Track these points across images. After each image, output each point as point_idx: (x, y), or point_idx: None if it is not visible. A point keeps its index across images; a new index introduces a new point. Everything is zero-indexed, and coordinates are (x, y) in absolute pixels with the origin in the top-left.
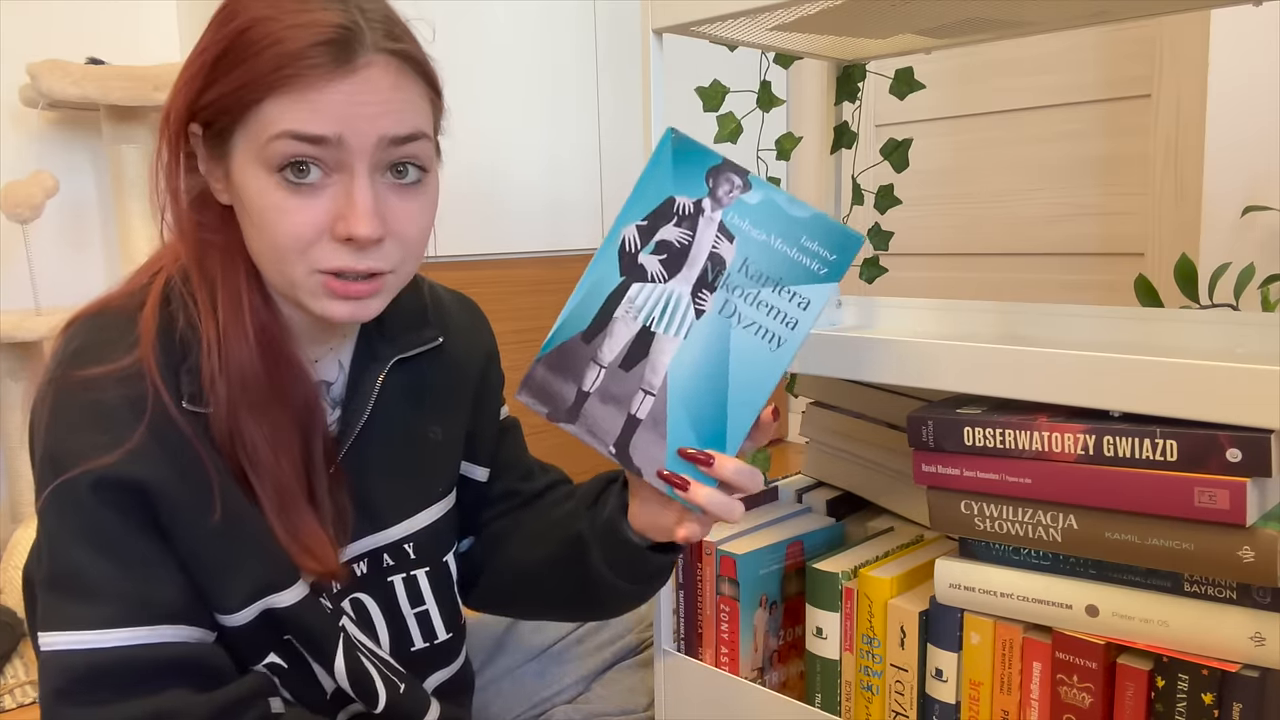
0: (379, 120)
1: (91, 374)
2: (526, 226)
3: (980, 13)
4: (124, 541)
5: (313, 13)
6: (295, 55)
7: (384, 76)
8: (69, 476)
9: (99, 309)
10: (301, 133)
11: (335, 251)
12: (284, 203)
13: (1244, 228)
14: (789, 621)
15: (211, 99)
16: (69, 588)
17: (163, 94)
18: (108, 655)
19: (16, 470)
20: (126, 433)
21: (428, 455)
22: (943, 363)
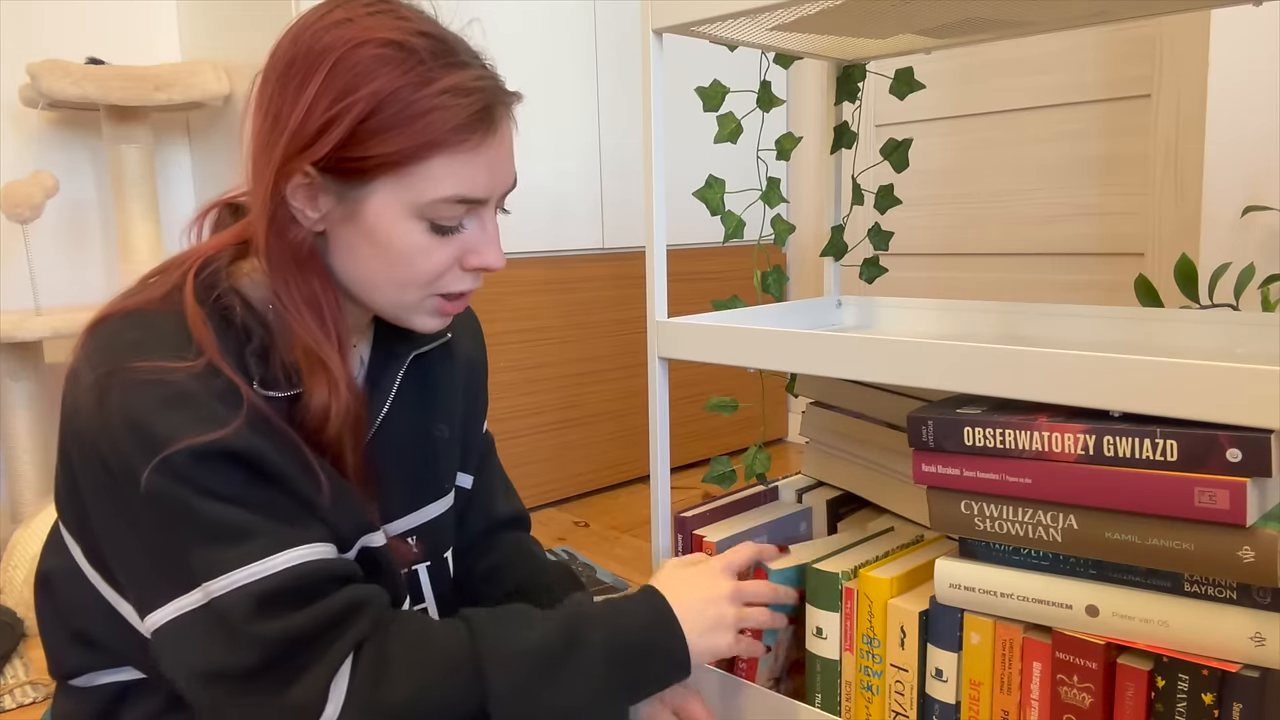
0: (509, 176)
1: (162, 366)
2: (526, 227)
3: (980, 13)
4: (243, 494)
5: (451, 74)
6: (460, 124)
7: (507, 130)
8: (169, 453)
9: (137, 307)
10: (469, 198)
11: (461, 279)
12: (428, 244)
13: (1244, 228)
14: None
15: (360, 156)
16: (221, 536)
17: (163, 94)
18: (283, 575)
19: (17, 470)
20: (221, 415)
21: (435, 451)
22: (943, 363)
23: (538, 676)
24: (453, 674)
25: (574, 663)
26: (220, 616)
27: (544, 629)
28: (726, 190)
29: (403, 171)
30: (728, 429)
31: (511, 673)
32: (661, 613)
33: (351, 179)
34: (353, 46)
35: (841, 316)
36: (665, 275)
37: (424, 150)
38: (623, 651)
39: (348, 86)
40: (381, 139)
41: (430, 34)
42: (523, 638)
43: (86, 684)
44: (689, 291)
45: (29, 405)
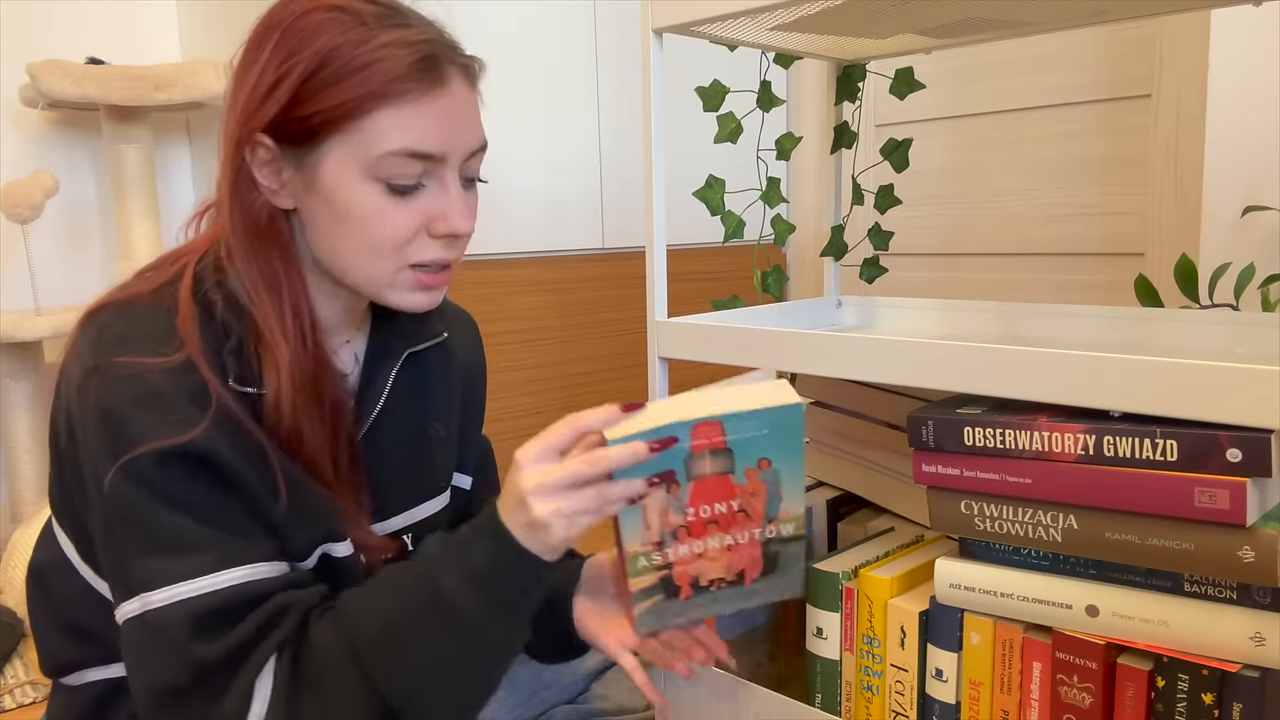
0: (467, 136)
1: (140, 362)
2: (526, 226)
3: (980, 13)
4: (201, 502)
5: (393, 31)
6: (400, 73)
7: (464, 90)
8: (135, 454)
9: (128, 299)
10: (418, 150)
11: (429, 246)
12: (386, 207)
13: (1244, 228)
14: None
15: (305, 114)
16: (164, 548)
17: (163, 94)
18: (220, 595)
19: (16, 470)
20: (184, 415)
21: (429, 450)
22: (943, 363)
23: (405, 643)
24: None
25: (432, 618)
26: (156, 630)
27: (398, 595)
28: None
29: (349, 127)
30: None
31: (380, 650)
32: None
33: (303, 143)
34: (300, 15)
35: (841, 316)
36: (665, 275)
37: (367, 102)
38: (474, 583)
39: (293, 49)
40: (324, 95)
41: (378, 1)
42: (382, 611)
43: (77, 681)
44: (689, 291)
45: (29, 405)
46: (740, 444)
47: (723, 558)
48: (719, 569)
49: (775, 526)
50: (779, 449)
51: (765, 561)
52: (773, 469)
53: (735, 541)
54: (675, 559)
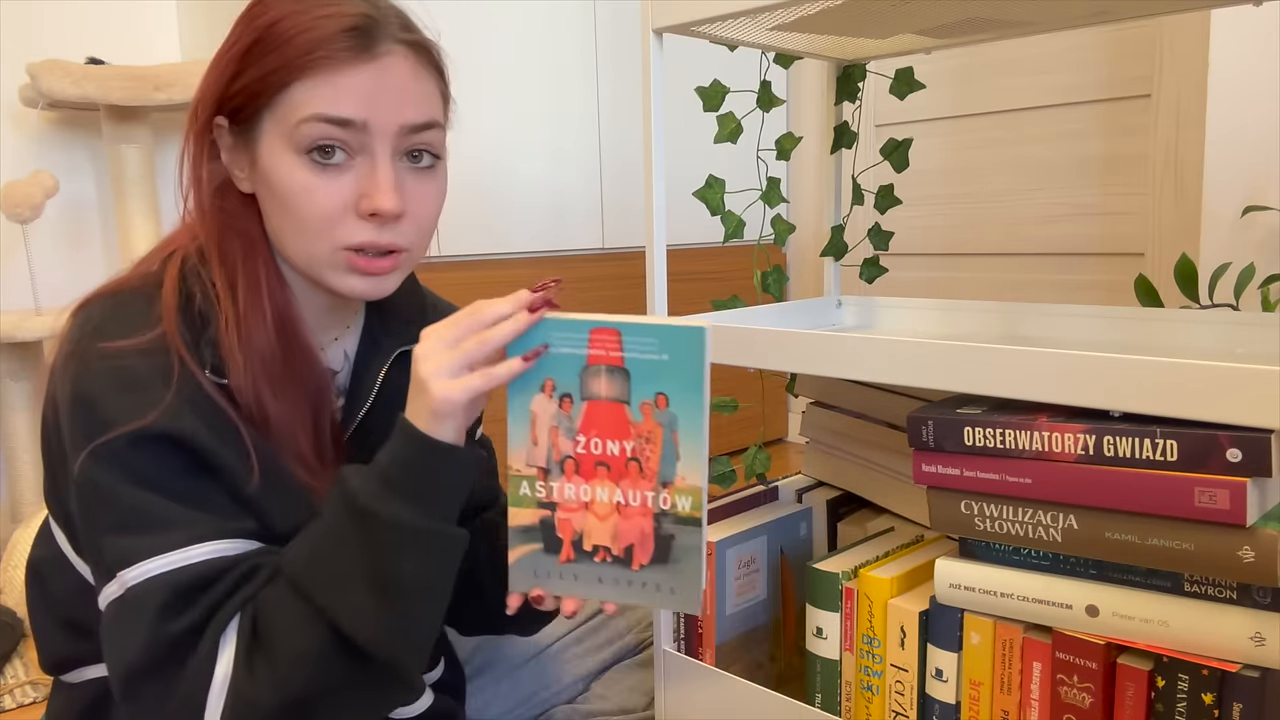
0: (400, 108)
1: (115, 346)
2: (526, 226)
3: (980, 13)
4: (174, 481)
5: (338, 4)
6: (322, 41)
7: (403, 65)
8: (106, 438)
9: (114, 289)
10: (329, 115)
11: (359, 227)
12: (310, 181)
13: (1244, 228)
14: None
15: (240, 87)
16: (138, 525)
17: (163, 94)
18: (194, 569)
19: (17, 470)
20: (158, 397)
21: None
22: (943, 363)
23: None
24: (298, 626)
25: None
26: (132, 607)
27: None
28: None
29: (276, 100)
30: (728, 429)
31: (316, 573)
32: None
33: (243, 120)
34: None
35: (841, 316)
36: (665, 275)
37: (289, 72)
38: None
39: (244, 27)
40: (254, 67)
41: None
42: (311, 538)
43: (77, 679)
44: (689, 291)
45: (29, 405)
46: (638, 365)
47: (610, 519)
48: (605, 533)
49: (670, 495)
50: (679, 385)
51: (657, 543)
52: (670, 411)
53: (625, 501)
54: (559, 499)
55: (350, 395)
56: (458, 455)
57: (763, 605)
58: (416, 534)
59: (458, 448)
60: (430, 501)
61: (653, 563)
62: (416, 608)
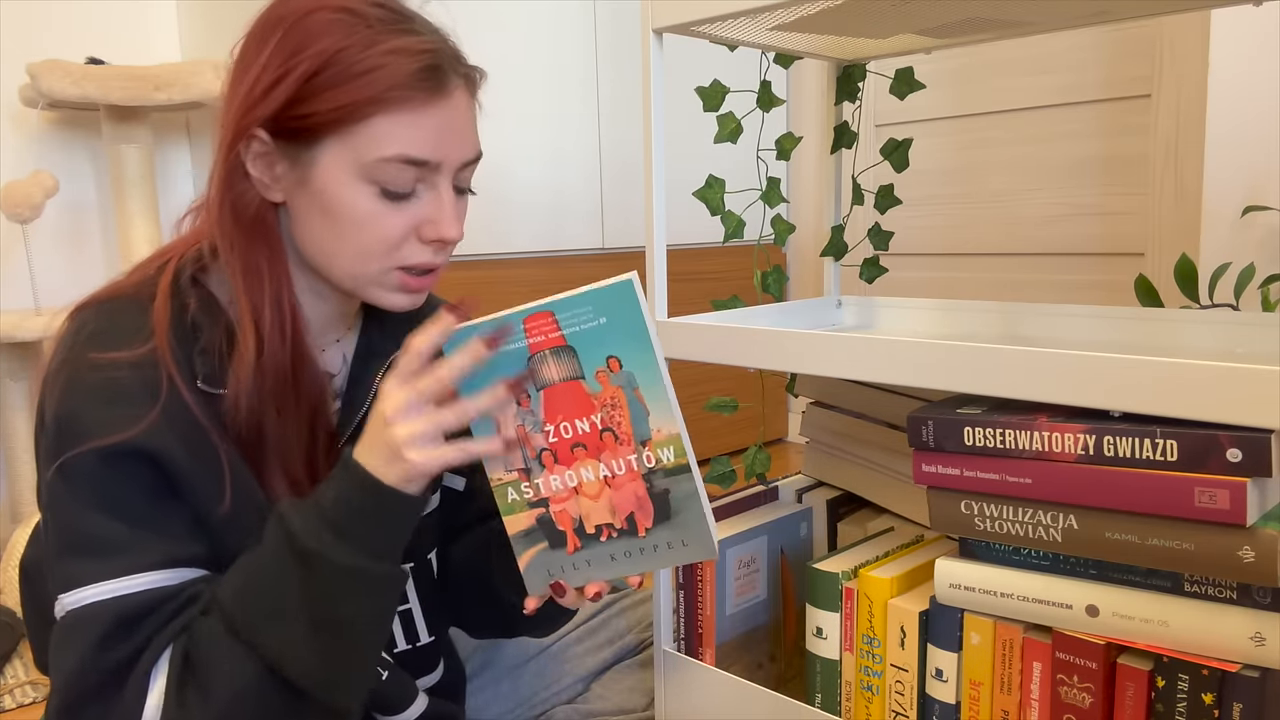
0: (463, 146)
1: (106, 357)
2: (526, 226)
3: (980, 13)
4: (135, 503)
5: (399, 38)
6: (400, 82)
7: (464, 101)
8: (78, 451)
9: (110, 295)
10: (411, 157)
11: (419, 250)
12: (378, 209)
13: (1244, 228)
14: (558, 413)
15: (304, 113)
16: (87, 549)
17: (163, 94)
18: (136, 599)
19: (16, 470)
20: (140, 412)
21: None
22: (943, 363)
23: (273, 595)
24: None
25: (291, 561)
26: (72, 632)
27: (259, 554)
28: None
29: (347, 130)
30: (728, 429)
31: (251, 609)
32: (346, 466)
33: (300, 140)
34: (306, 14)
35: (841, 316)
36: (665, 275)
37: (366, 107)
38: (325, 518)
39: (296, 48)
40: (325, 96)
41: (384, 4)
42: (248, 574)
43: None
44: (689, 291)
45: (29, 405)
46: (580, 338)
47: (603, 495)
48: (603, 511)
49: (651, 452)
50: (624, 341)
51: (654, 502)
52: (625, 371)
53: (612, 473)
54: (548, 493)
55: (347, 398)
56: (413, 503)
57: (763, 605)
58: (360, 576)
59: (412, 498)
60: (377, 544)
61: (657, 523)
62: (355, 646)
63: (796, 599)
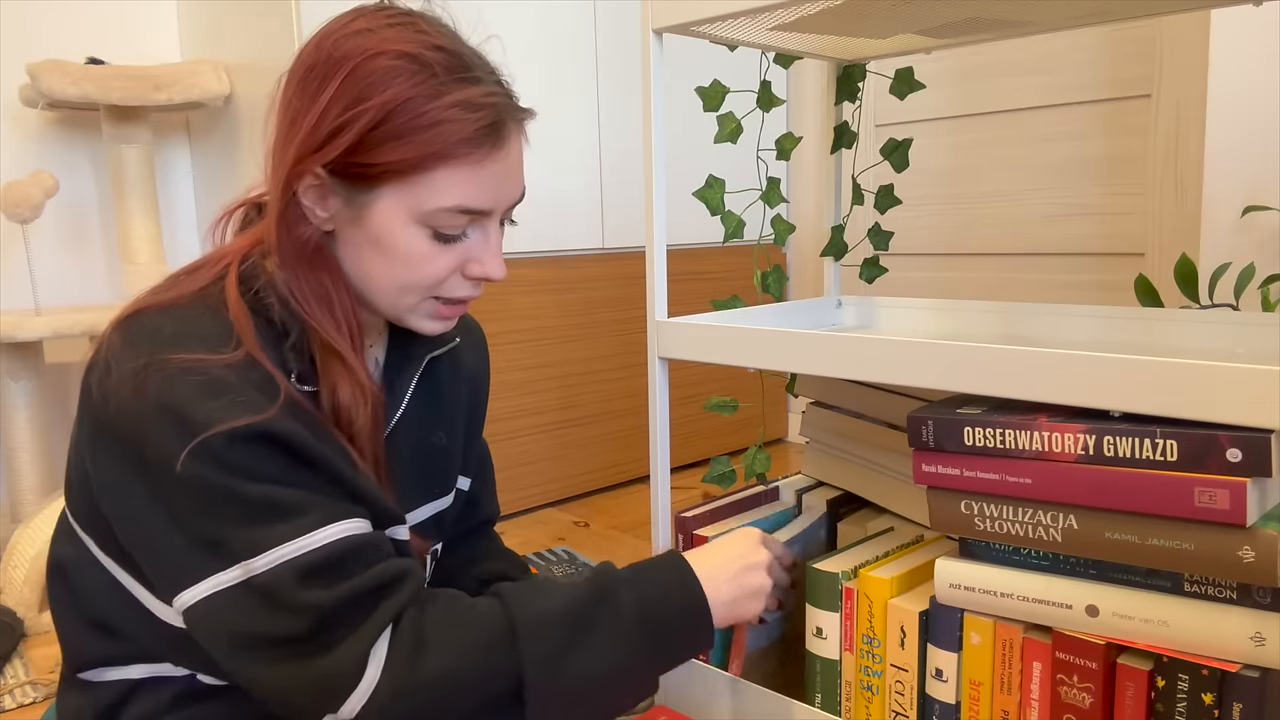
0: (515, 189)
1: (199, 358)
2: (526, 226)
3: (980, 13)
4: (283, 474)
5: (463, 89)
6: (464, 140)
7: (518, 146)
8: (205, 437)
9: (171, 302)
10: (470, 208)
11: (461, 284)
12: (430, 250)
13: (1244, 228)
14: None
15: (367, 162)
16: (262, 515)
17: (163, 94)
18: (331, 548)
19: (17, 470)
20: (249, 399)
21: (433, 456)
22: (943, 363)
23: (569, 636)
24: (489, 644)
25: (604, 622)
26: (261, 591)
27: (572, 592)
28: (726, 190)
29: (408, 180)
30: (728, 429)
31: (542, 636)
32: (686, 577)
33: (359, 184)
34: (369, 56)
35: (841, 316)
36: (665, 275)
37: (430, 161)
38: (651, 612)
39: (361, 95)
40: (389, 147)
41: (446, 49)
42: (552, 601)
43: (96, 678)
44: (689, 291)
45: (29, 405)
46: None
47: None
48: None
49: None
50: None
51: None
52: None
53: None
54: None
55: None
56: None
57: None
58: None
59: (711, 626)
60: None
61: None
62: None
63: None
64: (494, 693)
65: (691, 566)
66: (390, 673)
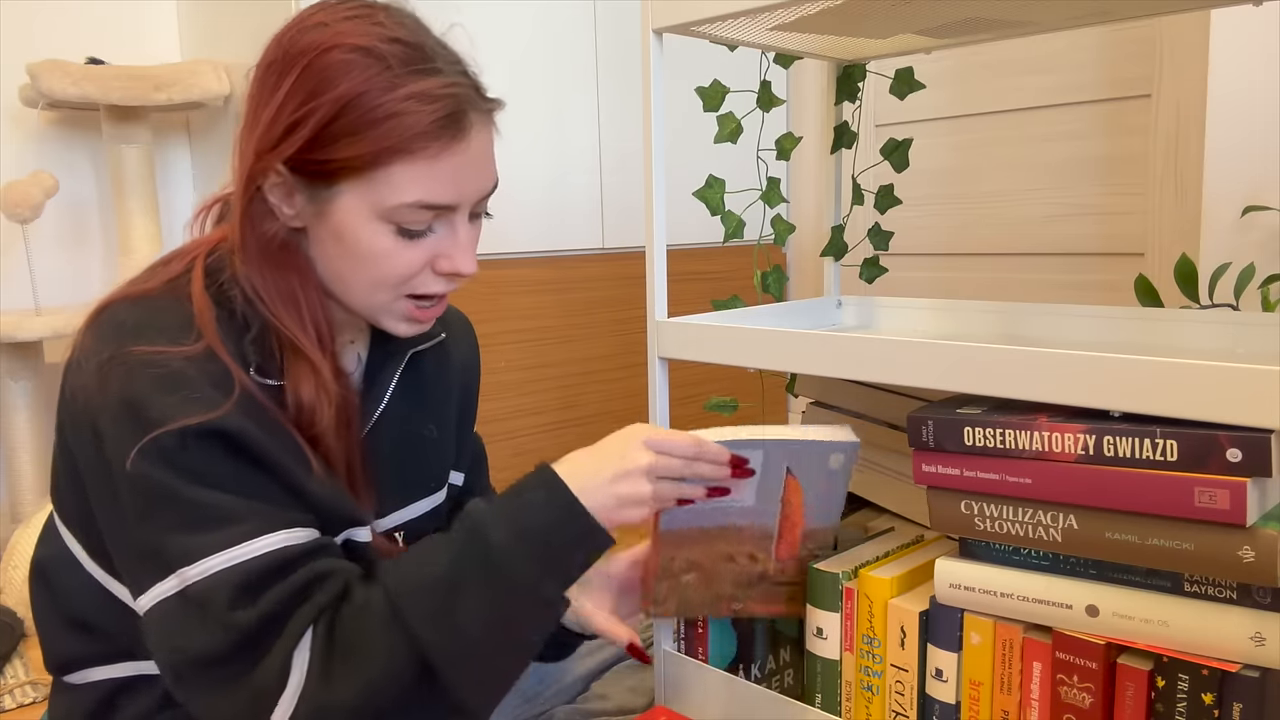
0: (482, 181)
1: (160, 350)
2: (526, 226)
3: (980, 13)
4: (233, 477)
5: (419, 80)
6: (421, 133)
7: (482, 137)
8: (157, 434)
9: (139, 294)
10: (431, 203)
11: (432, 280)
12: (394, 247)
13: (1244, 228)
14: None
15: (324, 159)
16: (200, 521)
17: (163, 94)
18: (260, 560)
19: (17, 470)
20: (205, 396)
21: (424, 451)
22: (943, 363)
23: (449, 590)
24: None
25: (478, 563)
26: (196, 603)
27: (445, 544)
28: (726, 190)
29: (367, 176)
30: None
31: (422, 601)
32: (554, 491)
33: (319, 181)
34: (323, 51)
35: (841, 316)
36: (665, 275)
37: (386, 156)
38: (527, 536)
39: (315, 90)
40: (345, 143)
41: (403, 40)
42: (426, 563)
43: (81, 680)
44: (689, 291)
45: (29, 405)
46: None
47: None
48: None
49: None
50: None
51: None
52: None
53: None
54: None
55: (362, 397)
56: (601, 537)
57: None
58: (543, 599)
59: (604, 532)
60: (564, 570)
61: None
62: (517, 661)
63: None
64: (405, 674)
65: (560, 477)
66: (311, 677)
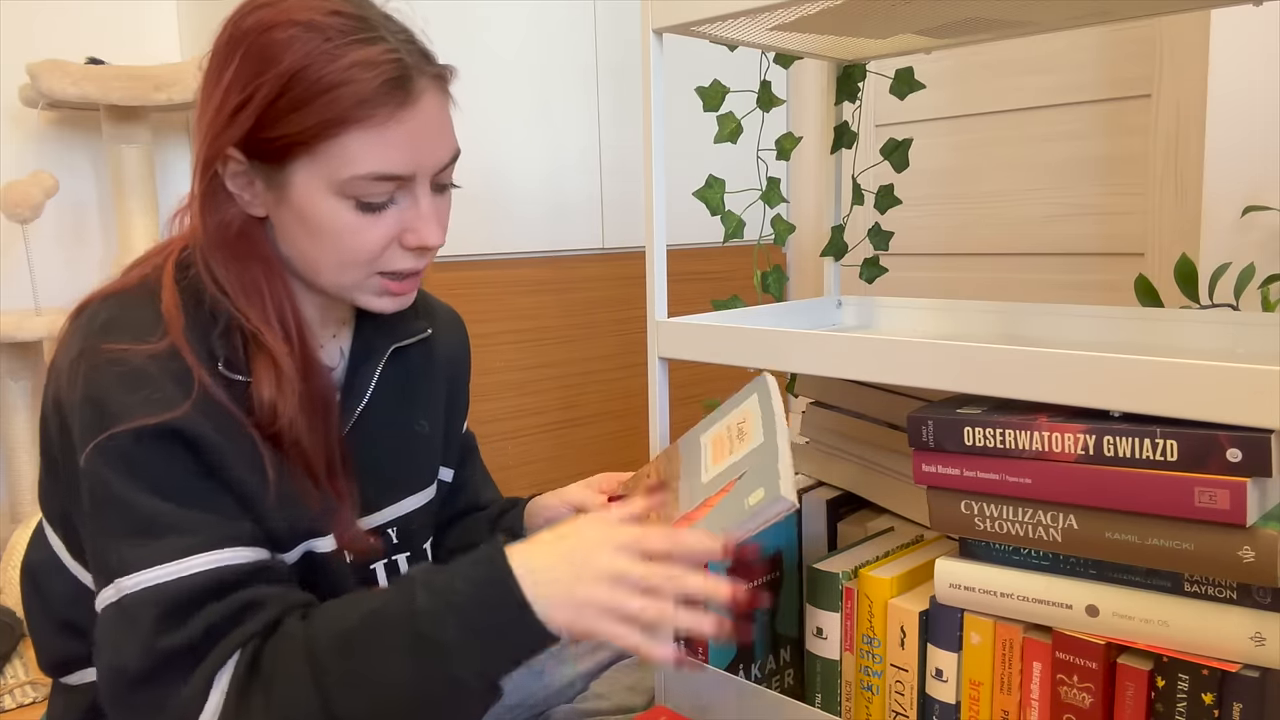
0: (438, 150)
1: (125, 348)
2: (526, 227)
3: (980, 13)
4: (181, 483)
5: (361, 49)
6: (366, 98)
7: (434, 102)
8: (113, 432)
9: (114, 291)
10: (384, 173)
11: (401, 256)
12: (356, 222)
13: (1244, 228)
14: None
15: (272, 136)
16: (139, 531)
17: (163, 94)
18: (194, 580)
19: (17, 470)
20: (171, 396)
21: (414, 445)
22: (943, 363)
23: (362, 651)
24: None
25: (396, 630)
26: (128, 618)
27: (372, 602)
28: (726, 190)
29: (317, 150)
30: None
31: (333, 657)
32: (495, 568)
33: (272, 161)
34: (266, 29)
35: (841, 316)
36: (665, 275)
37: (333, 127)
38: (455, 613)
39: (259, 69)
40: (291, 119)
41: (344, 13)
42: (351, 617)
43: (77, 681)
44: (689, 291)
45: (29, 405)
46: None
47: None
48: None
49: None
50: None
51: None
52: None
53: None
54: None
55: (346, 391)
56: (543, 639)
57: None
58: (480, 697)
59: (547, 633)
60: (504, 668)
61: None
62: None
63: None
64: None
65: (506, 557)
66: (229, 708)
